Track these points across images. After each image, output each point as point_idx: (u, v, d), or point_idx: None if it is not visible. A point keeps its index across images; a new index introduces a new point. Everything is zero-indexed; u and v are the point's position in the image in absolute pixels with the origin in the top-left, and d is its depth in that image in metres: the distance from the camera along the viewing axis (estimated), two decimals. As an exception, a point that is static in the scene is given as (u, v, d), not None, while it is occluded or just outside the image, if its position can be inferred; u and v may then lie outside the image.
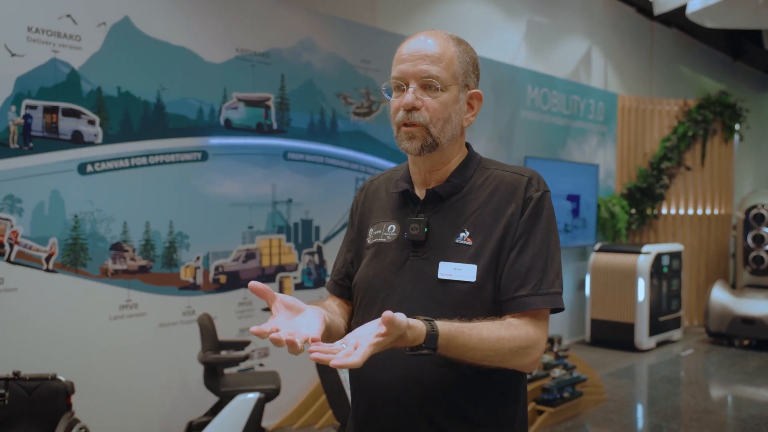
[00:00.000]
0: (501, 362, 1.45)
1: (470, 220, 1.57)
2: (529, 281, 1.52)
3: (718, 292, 8.25)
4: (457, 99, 1.59)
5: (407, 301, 1.55)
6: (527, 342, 1.47)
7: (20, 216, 3.76)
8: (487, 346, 1.41)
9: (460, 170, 1.64)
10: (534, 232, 1.55)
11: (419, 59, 1.56)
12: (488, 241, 1.54)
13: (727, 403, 6.17)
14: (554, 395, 5.21)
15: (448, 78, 1.57)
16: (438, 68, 1.55)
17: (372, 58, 5.66)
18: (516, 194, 1.58)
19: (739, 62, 12.63)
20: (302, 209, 5.18)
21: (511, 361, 1.46)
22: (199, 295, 4.57)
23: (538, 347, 1.49)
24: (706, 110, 9.19)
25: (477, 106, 1.67)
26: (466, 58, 1.62)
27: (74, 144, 3.96)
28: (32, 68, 3.80)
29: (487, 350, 1.41)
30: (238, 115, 4.76)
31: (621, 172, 9.33)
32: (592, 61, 8.92)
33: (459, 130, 1.63)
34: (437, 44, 1.58)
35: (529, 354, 1.48)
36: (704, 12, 7.49)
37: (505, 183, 1.60)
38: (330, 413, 4.90)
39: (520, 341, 1.45)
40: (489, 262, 1.53)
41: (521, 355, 1.47)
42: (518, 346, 1.45)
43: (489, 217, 1.57)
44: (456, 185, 1.62)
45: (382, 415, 1.57)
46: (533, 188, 1.58)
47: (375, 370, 1.56)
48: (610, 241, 8.77)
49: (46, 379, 3.29)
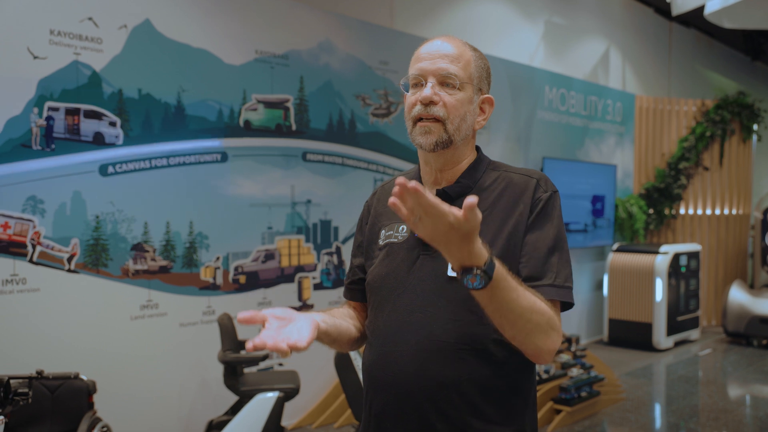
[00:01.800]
0: (525, 333, 1.43)
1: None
2: (544, 275, 1.54)
3: (736, 292, 8.21)
4: (471, 100, 1.64)
5: (418, 298, 1.58)
6: (551, 323, 1.47)
7: (42, 217, 3.81)
8: (525, 305, 1.40)
9: (470, 171, 1.67)
10: (545, 230, 1.58)
11: (438, 58, 1.61)
12: (497, 239, 1.56)
13: (745, 402, 6.14)
14: (572, 394, 5.21)
15: (465, 77, 1.61)
16: (456, 67, 1.60)
17: (390, 59, 5.68)
18: (525, 195, 1.61)
19: (758, 62, 12.54)
20: (321, 210, 5.21)
21: (533, 336, 1.45)
22: (219, 296, 4.61)
23: (557, 335, 1.50)
24: (724, 110, 9.15)
25: (488, 111, 1.71)
26: (480, 64, 1.67)
27: (96, 145, 4.01)
28: (54, 71, 3.84)
29: (523, 310, 1.40)
30: (258, 117, 4.80)
31: (639, 172, 9.30)
32: (610, 62, 8.90)
33: (471, 131, 1.67)
34: (455, 47, 1.64)
35: (549, 336, 1.47)
36: (722, 12, 7.45)
37: (514, 184, 1.63)
38: (349, 413, 4.93)
39: (547, 318, 1.46)
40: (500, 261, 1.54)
41: (543, 334, 1.46)
42: (545, 321, 1.45)
43: (498, 217, 1.59)
44: (466, 186, 1.65)
45: (396, 412, 1.59)
46: (542, 189, 1.62)
47: (389, 368, 1.59)
48: (628, 241, 8.74)
49: (69, 378, 3.33)
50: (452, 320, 1.55)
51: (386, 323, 1.62)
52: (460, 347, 1.53)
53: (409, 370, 1.56)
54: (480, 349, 1.54)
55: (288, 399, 4.04)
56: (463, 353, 1.53)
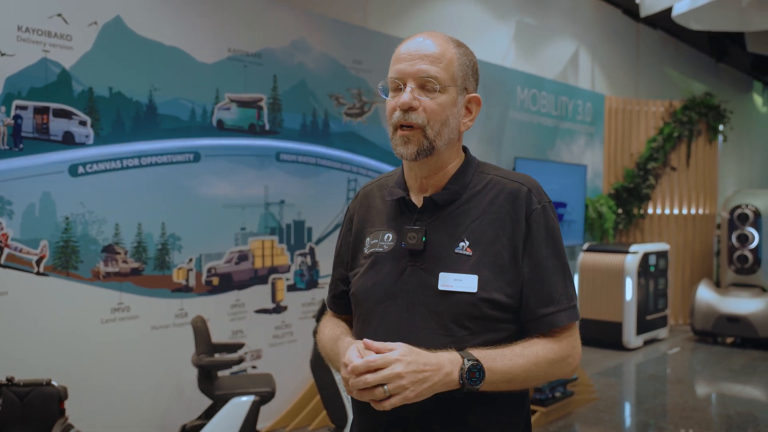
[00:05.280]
0: (544, 377, 1.46)
1: (470, 230, 1.54)
2: (552, 300, 1.51)
3: (703, 291, 8.32)
4: (455, 102, 1.56)
5: (407, 311, 1.53)
6: (564, 352, 1.47)
7: (10, 218, 3.70)
8: (529, 362, 1.42)
9: (458, 176, 1.60)
10: (545, 248, 1.53)
11: (418, 59, 1.53)
12: (488, 251, 1.51)
13: (714, 400, 6.22)
14: (546, 395, 5.23)
15: (446, 79, 1.53)
16: (437, 68, 1.52)
17: (363, 58, 5.64)
18: (517, 206, 1.55)
19: (723, 64, 12.74)
20: (294, 210, 5.15)
21: (552, 374, 1.47)
22: (192, 298, 4.53)
23: (575, 355, 1.50)
24: (691, 111, 9.27)
25: (475, 110, 1.63)
26: (465, 61, 1.59)
27: (65, 145, 3.91)
28: (22, 68, 3.74)
29: (530, 366, 1.41)
30: (231, 116, 4.73)
31: (608, 172, 9.39)
32: (579, 63, 8.96)
33: (456, 134, 1.59)
34: (437, 45, 1.55)
35: (568, 363, 1.49)
36: (690, 14, 7.55)
37: (505, 192, 1.57)
38: (324, 414, 4.88)
39: (557, 351, 1.46)
40: (491, 273, 1.50)
41: (560, 366, 1.47)
42: (555, 357, 1.46)
43: (489, 227, 1.53)
44: (454, 192, 1.58)
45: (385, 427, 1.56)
46: (535, 201, 1.55)
47: None
48: (597, 241, 8.81)
49: (41, 384, 3.24)
50: (442, 334, 1.50)
51: (374, 336, 1.54)
52: None
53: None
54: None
55: (264, 403, 3.99)
56: None
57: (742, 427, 5.26)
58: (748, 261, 8.50)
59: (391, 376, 1.36)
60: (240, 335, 4.80)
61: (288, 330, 5.13)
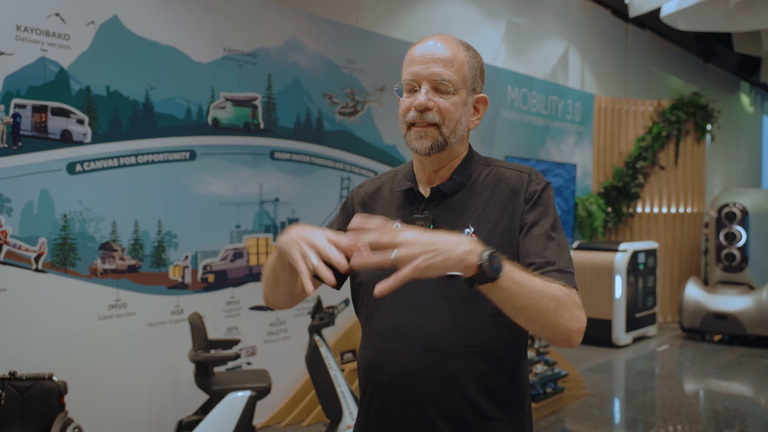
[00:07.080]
0: (548, 314, 1.40)
1: (474, 216, 1.61)
2: (548, 263, 1.52)
3: (691, 289, 8.40)
4: (465, 101, 1.64)
5: (416, 297, 1.58)
6: (569, 297, 1.44)
7: (9, 216, 3.74)
8: (540, 286, 1.39)
9: (463, 167, 1.67)
10: (542, 219, 1.58)
11: (432, 62, 1.60)
12: (493, 234, 1.57)
13: (702, 396, 6.31)
14: (537, 391, 5.30)
15: (458, 81, 1.61)
16: (450, 71, 1.60)
17: (356, 58, 5.69)
18: (519, 189, 1.62)
19: (710, 64, 12.86)
20: (289, 208, 5.20)
21: (559, 316, 1.41)
22: (188, 295, 4.57)
23: (582, 312, 1.46)
24: (679, 111, 9.37)
25: (482, 109, 1.72)
26: (474, 63, 1.67)
27: (63, 143, 3.95)
28: (21, 67, 3.78)
29: (540, 290, 1.38)
30: (226, 115, 4.78)
31: (597, 171, 9.47)
32: (569, 62, 9.04)
33: (466, 132, 1.67)
34: (449, 48, 1.62)
35: (572, 313, 1.43)
36: (678, 15, 7.64)
37: (506, 179, 1.64)
38: (319, 409, 4.94)
39: (564, 294, 1.43)
40: None
41: (568, 313, 1.42)
42: (564, 298, 1.42)
43: (492, 213, 1.60)
44: (459, 182, 1.65)
45: (396, 411, 1.59)
46: (534, 182, 1.63)
47: (388, 367, 1.59)
48: (587, 239, 8.89)
49: (42, 378, 3.28)
50: (451, 318, 1.55)
51: (384, 322, 1.61)
52: (460, 345, 1.54)
53: (409, 369, 1.56)
54: (480, 346, 1.55)
55: (260, 398, 4.04)
56: (462, 351, 1.54)
57: (729, 422, 5.34)
58: (736, 259, 8.60)
59: (402, 241, 1.31)
60: (235, 332, 4.84)
61: (282, 327, 5.18)
